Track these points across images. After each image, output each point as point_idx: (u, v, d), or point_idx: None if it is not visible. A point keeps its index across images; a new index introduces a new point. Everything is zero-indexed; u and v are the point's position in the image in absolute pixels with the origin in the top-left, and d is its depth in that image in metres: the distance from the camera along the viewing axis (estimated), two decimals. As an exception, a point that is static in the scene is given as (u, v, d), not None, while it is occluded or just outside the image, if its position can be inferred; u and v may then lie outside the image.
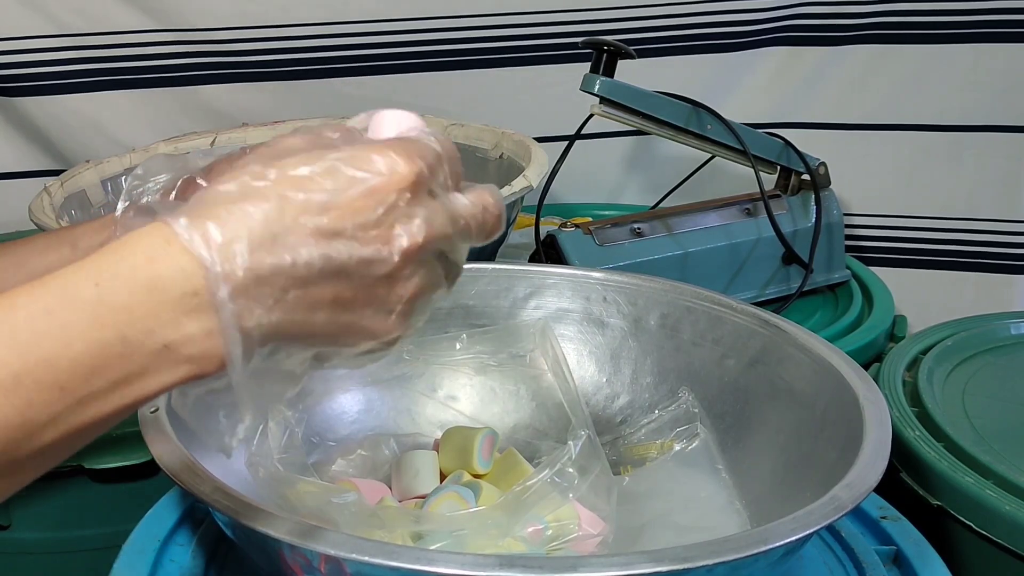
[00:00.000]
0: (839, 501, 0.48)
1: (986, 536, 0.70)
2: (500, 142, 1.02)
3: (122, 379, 0.36)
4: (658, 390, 0.73)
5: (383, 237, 0.39)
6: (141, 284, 0.36)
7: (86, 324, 0.35)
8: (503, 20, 1.20)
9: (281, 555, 0.47)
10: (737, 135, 0.96)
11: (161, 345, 0.36)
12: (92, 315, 0.35)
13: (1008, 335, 0.95)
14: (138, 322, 0.35)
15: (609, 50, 0.90)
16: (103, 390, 0.36)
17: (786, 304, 0.97)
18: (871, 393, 0.58)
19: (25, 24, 1.16)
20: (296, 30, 1.18)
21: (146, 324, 0.35)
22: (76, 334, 0.35)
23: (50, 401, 0.35)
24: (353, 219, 0.38)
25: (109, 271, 0.36)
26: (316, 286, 0.38)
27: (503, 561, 0.43)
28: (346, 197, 0.38)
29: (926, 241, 1.27)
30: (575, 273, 0.78)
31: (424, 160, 0.40)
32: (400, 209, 0.39)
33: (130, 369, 0.36)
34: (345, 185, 0.38)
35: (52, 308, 0.35)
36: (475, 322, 0.77)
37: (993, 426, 0.79)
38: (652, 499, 0.66)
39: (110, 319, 0.35)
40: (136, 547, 0.62)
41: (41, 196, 0.89)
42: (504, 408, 0.76)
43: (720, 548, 0.44)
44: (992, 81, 1.18)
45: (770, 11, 1.21)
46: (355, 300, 0.39)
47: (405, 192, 0.39)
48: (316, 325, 0.39)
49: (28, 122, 1.21)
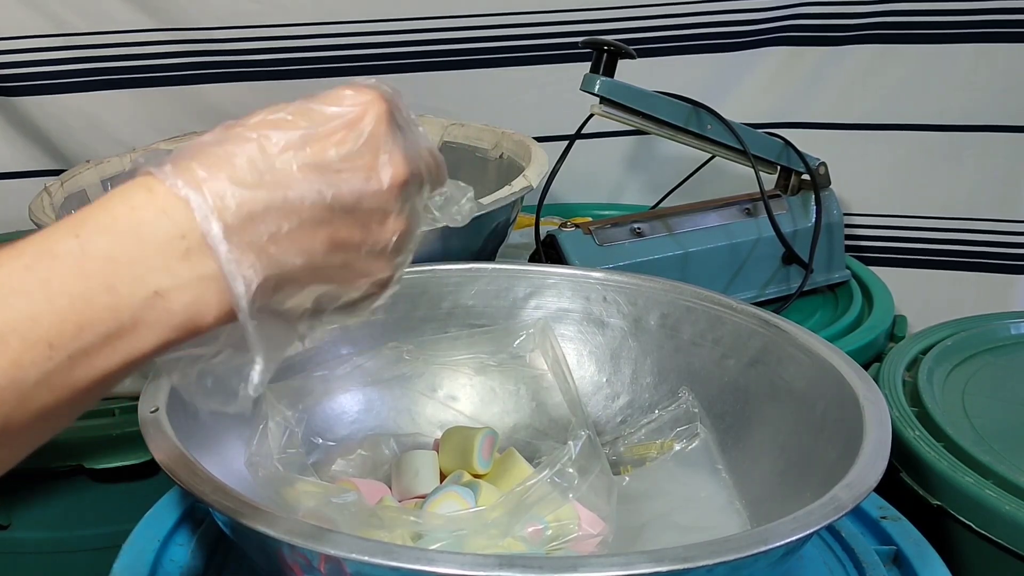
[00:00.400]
0: (839, 501, 0.48)
1: (986, 536, 0.70)
2: (500, 142, 1.02)
3: (113, 332, 0.34)
4: (658, 390, 0.73)
5: (369, 166, 0.38)
6: (124, 231, 0.35)
7: (69, 276, 0.34)
8: (503, 20, 1.20)
9: (281, 555, 0.47)
10: (737, 135, 0.96)
11: (151, 292, 0.35)
12: (74, 267, 0.34)
13: (1008, 335, 0.95)
14: (124, 270, 0.34)
15: (609, 50, 0.90)
16: (94, 345, 0.34)
17: (786, 304, 0.97)
18: (871, 393, 0.58)
19: (25, 24, 1.15)
20: (295, 30, 1.18)
21: (133, 271, 0.34)
22: (59, 287, 0.33)
23: (39, 359, 0.33)
24: (337, 150, 0.38)
25: (90, 223, 0.35)
26: (310, 223, 0.37)
27: (503, 561, 0.43)
28: (326, 130, 0.38)
29: (926, 241, 1.27)
30: (575, 273, 0.78)
31: (389, 93, 0.40)
32: (380, 138, 0.39)
33: (120, 321, 0.34)
34: (322, 120, 0.38)
35: (31, 264, 0.34)
36: (475, 322, 0.77)
37: (993, 426, 0.79)
38: (652, 499, 0.66)
39: (93, 269, 0.34)
40: (136, 547, 0.62)
41: (41, 196, 0.89)
42: (504, 408, 0.76)
43: (720, 548, 0.44)
44: (992, 81, 1.18)
45: (770, 11, 1.21)
46: (351, 237, 0.39)
47: (381, 122, 0.39)
48: (313, 266, 0.38)
49: (28, 122, 1.21)
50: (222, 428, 0.61)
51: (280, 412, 0.64)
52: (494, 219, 0.84)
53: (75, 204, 0.94)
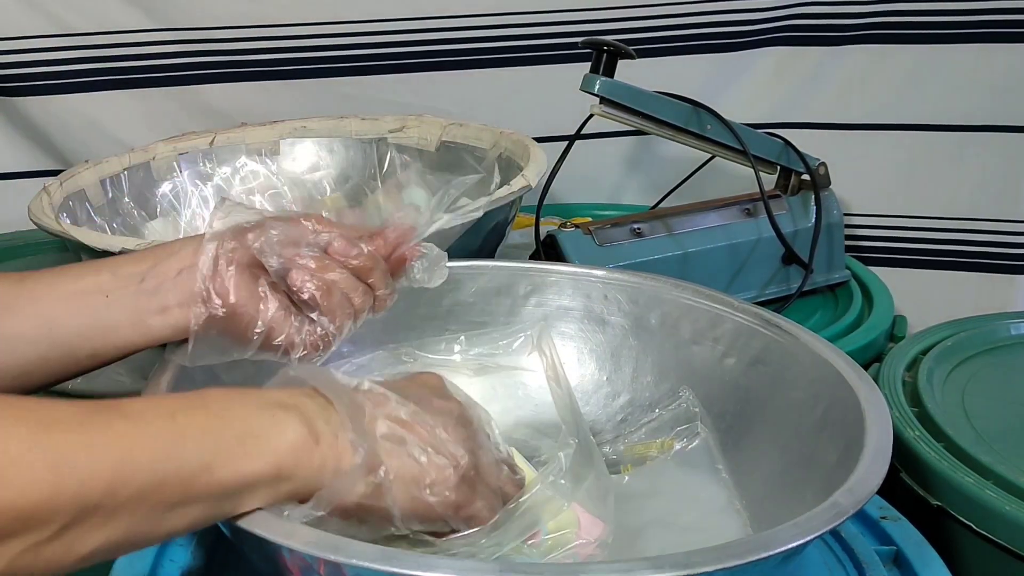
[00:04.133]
0: (840, 506, 0.48)
1: (986, 536, 0.70)
2: (499, 142, 1.02)
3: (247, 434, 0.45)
4: (658, 389, 0.73)
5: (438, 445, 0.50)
6: None
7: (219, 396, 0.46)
8: (503, 20, 1.20)
9: (280, 558, 0.47)
10: (737, 135, 0.96)
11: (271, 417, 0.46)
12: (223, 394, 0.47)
13: (1008, 335, 0.95)
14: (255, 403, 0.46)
15: (609, 50, 0.90)
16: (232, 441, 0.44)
17: (786, 304, 0.97)
18: (871, 393, 0.58)
19: (25, 24, 1.15)
20: (296, 30, 1.18)
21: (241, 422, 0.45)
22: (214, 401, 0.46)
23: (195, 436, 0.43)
24: None
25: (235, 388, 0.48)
26: None
27: (503, 567, 0.43)
28: None
29: (926, 241, 1.27)
30: (576, 271, 0.78)
31: None
32: None
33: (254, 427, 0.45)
34: None
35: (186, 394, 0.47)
36: (475, 319, 0.76)
37: (993, 426, 0.79)
38: (652, 499, 0.66)
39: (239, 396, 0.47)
40: (136, 547, 0.62)
41: (40, 196, 0.89)
42: (504, 408, 0.75)
43: (721, 554, 0.44)
44: (992, 81, 1.18)
45: (770, 11, 1.21)
46: None
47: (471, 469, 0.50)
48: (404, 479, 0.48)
49: (28, 122, 1.21)
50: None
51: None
52: (493, 219, 0.84)
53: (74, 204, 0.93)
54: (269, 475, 0.44)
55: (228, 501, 0.44)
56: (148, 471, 0.41)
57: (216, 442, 0.43)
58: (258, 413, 0.45)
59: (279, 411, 0.46)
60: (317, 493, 0.46)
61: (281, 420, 0.45)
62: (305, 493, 0.46)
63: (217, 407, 0.45)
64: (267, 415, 0.45)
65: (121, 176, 1.00)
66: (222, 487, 0.43)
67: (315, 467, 0.45)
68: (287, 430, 0.45)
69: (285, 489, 0.45)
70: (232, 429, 0.44)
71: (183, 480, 0.42)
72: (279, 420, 0.45)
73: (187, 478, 0.42)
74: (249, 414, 0.45)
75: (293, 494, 0.46)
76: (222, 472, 0.43)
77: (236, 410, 0.45)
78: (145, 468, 0.40)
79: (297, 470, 0.45)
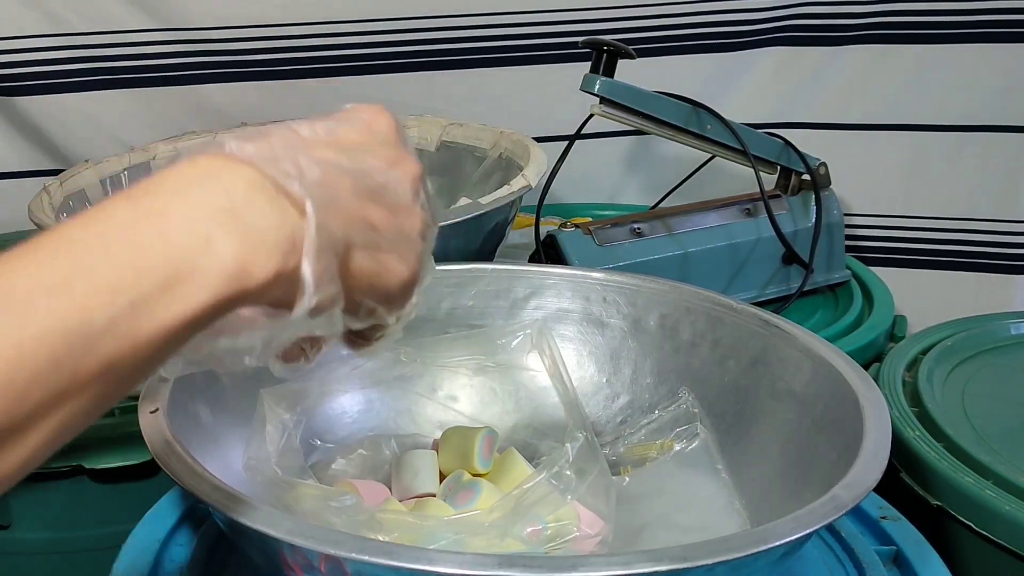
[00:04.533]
0: (839, 500, 0.48)
1: (986, 536, 0.70)
2: (499, 141, 1.02)
3: (171, 279, 0.35)
4: (658, 390, 0.73)
5: (388, 158, 0.42)
6: (172, 191, 0.37)
7: (123, 229, 0.35)
8: (503, 20, 1.20)
9: (281, 555, 0.47)
10: (737, 135, 0.96)
11: (202, 239, 0.36)
12: (128, 221, 0.36)
13: (1008, 335, 0.95)
14: (174, 221, 0.36)
15: (609, 50, 0.90)
16: (152, 294, 0.35)
17: (786, 304, 0.97)
18: (871, 393, 0.58)
19: (25, 23, 1.15)
20: (295, 30, 1.18)
21: (182, 222, 0.36)
22: (115, 237, 0.35)
23: (103, 304, 0.34)
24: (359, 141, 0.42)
25: (140, 187, 0.37)
26: (346, 196, 0.40)
27: (503, 561, 0.43)
28: (347, 127, 0.43)
29: (926, 241, 1.27)
30: (575, 273, 0.78)
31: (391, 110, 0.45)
32: (394, 137, 0.44)
33: (175, 267, 0.35)
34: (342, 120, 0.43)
35: (87, 222, 0.36)
36: (475, 322, 0.76)
37: (993, 426, 0.79)
38: (652, 499, 0.66)
39: (146, 222, 0.36)
40: (136, 547, 0.62)
41: (40, 196, 0.89)
42: (504, 408, 0.76)
43: (720, 547, 0.44)
44: (992, 81, 1.18)
45: (770, 11, 1.21)
46: (379, 219, 0.41)
47: (392, 126, 0.44)
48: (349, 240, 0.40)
49: (28, 122, 1.21)
50: (222, 428, 0.61)
51: (278, 415, 0.64)
52: (492, 219, 0.84)
53: (74, 204, 0.94)
54: (209, 310, 0.37)
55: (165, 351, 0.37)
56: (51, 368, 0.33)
57: (131, 300, 0.35)
58: (181, 237, 0.36)
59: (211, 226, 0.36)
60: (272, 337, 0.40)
61: (215, 237, 0.36)
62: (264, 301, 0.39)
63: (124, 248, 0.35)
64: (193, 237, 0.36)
65: (121, 176, 1.00)
66: (151, 346, 0.36)
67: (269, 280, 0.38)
68: (226, 248, 0.36)
69: (235, 309, 0.38)
70: (150, 276, 0.35)
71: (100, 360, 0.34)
72: (213, 238, 0.36)
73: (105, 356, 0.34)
74: (169, 245, 0.36)
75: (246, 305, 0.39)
76: (147, 331, 0.35)
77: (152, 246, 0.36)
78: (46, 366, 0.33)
79: (246, 291, 0.37)
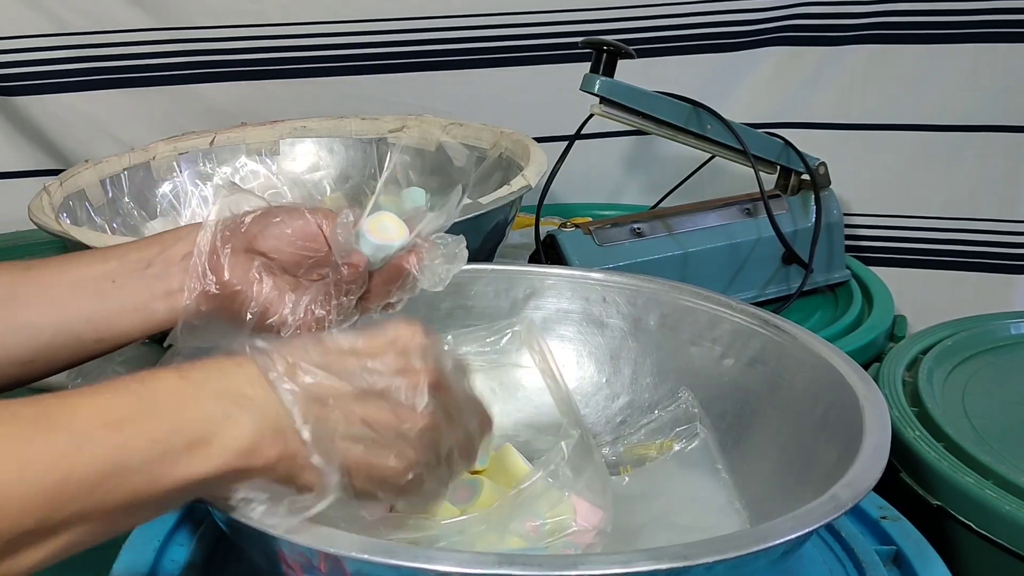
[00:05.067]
0: (838, 500, 0.48)
1: (986, 536, 0.70)
2: (499, 141, 1.02)
3: (195, 441, 0.42)
4: (658, 390, 0.73)
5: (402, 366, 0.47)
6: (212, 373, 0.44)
7: (168, 391, 0.43)
8: (503, 20, 1.20)
9: (281, 554, 0.47)
10: (737, 135, 0.96)
11: (225, 414, 0.43)
12: (173, 386, 0.43)
13: (1008, 335, 0.95)
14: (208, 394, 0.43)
15: (609, 50, 0.90)
16: (179, 448, 0.41)
17: (786, 304, 0.97)
18: (871, 393, 0.58)
19: (24, 23, 1.16)
20: (295, 29, 1.18)
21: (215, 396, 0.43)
22: (161, 397, 0.43)
23: (141, 447, 0.41)
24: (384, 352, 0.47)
25: (188, 365, 0.44)
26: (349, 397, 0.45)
27: (502, 559, 0.43)
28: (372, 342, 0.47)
29: (926, 241, 1.27)
30: (574, 274, 0.78)
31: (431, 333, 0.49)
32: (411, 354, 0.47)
33: (203, 432, 0.42)
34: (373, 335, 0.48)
35: (142, 379, 0.43)
36: (475, 322, 0.76)
37: (993, 426, 0.79)
38: (652, 499, 0.66)
39: (186, 389, 0.43)
40: (136, 547, 0.62)
41: (40, 196, 0.89)
42: (504, 410, 0.75)
43: (720, 546, 0.44)
44: (992, 81, 1.18)
45: (770, 11, 1.21)
46: (383, 423, 0.45)
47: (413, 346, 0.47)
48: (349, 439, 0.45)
49: (28, 122, 1.21)
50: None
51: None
52: (492, 219, 0.84)
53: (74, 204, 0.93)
54: (220, 475, 0.43)
55: (177, 500, 0.44)
56: (88, 490, 0.39)
57: (163, 450, 0.41)
58: (211, 409, 0.43)
59: (233, 406, 0.43)
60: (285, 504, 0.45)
61: (235, 416, 0.43)
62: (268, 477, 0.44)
63: (167, 407, 0.42)
64: (220, 411, 0.43)
65: (121, 176, 1.00)
66: (168, 493, 0.42)
67: (272, 462, 0.44)
68: (241, 428, 0.43)
69: (242, 481, 0.44)
70: (181, 435, 0.42)
71: (127, 493, 0.40)
72: (233, 417, 0.43)
73: (131, 491, 0.41)
74: (200, 413, 0.43)
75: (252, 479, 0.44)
76: (169, 479, 0.41)
77: (188, 410, 0.43)
78: (86, 487, 0.39)
79: (252, 468, 0.43)
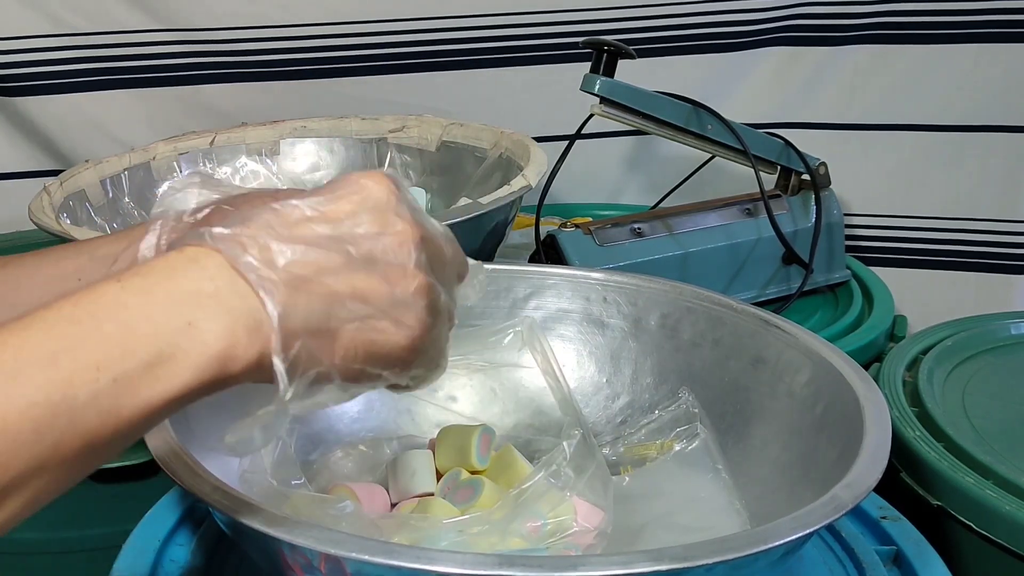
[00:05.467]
0: (839, 500, 0.48)
1: (986, 536, 0.70)
2: (499, 141, 1.02)
3: (154, 359, 0.36)
4: (658, 390, 0.73)
5: (381, 223, 0.42)
6: (159, 275, 0.38)
7: (111, 308, 0.37)
8: (503, 20, 1.20)
9: (281, 555, 0.47)
10: (737, 135, 0.96)
11: (185, 322, 0.37)
12: (116, 301, 0.37)
13: (1008, 335, 0.95)
14: (160, 303, 0.37)
15: (609, 50, 0.90)
16: (137, 372, 0.36)
17: (786, 304, 0.97)
18: (871, 393, 0.58)
19: (25, 24, 1.16)
20: (296, 30, 1.18)
21: (168, 305, 0.37)
22: (103, 316, 0.36)
23: (88, 380, 0.35)
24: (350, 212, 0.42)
25: (130, 271, 0.38)
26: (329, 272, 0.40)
27: (503, 560, 0.43)
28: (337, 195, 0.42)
29: (926, 241, 1.27)
30: (575, 273, 0.78)
31: (393, 174, 0.45)
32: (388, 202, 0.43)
33: (159, 348, 0.37)
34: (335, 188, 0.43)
35: (79, 300, 0.37)
36: (475, 322, 0.76)
37: (993, 426, 0.79)
38: (652, 499, 0.66)
39: (133, 302, 0.37)
40: (136, 547, 0.62)
41: (41, 196, 0.89)
42: (504, 408, 0.76)
43: (720, 547, 0.44)
44: (992, 81, 1.18)
45: (770, 11, 1.21)
46: (371, 288, 0.41)
47: (389, 191, 0.43)
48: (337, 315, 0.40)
49: (28, 122, 1.21)
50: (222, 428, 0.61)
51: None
52: (492, 219, 0.84)
53: (74, 204, 0.94)
54: (192, 391, 0.38)
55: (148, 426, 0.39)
56: (33, 439, 0.34)
57: (114, 378, 0.36)
58: (165, 319, 0.37)
59: (194, 309, 0.38)
60: None
61: (197, 321, 0.37)
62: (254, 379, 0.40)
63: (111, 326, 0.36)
64: (178, 319, 0.37)
65: (121, 176, 1.00)
66: (133, 422, 0.37)
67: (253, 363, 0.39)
68: (207, 334, 0.38)
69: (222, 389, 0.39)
70: (135, 356, 0.36)
71: (82, 433, 0.35)
72: (195, 322, 0.37)
73: (86, 430, 0.35)
74: (153, 326, 0.37)
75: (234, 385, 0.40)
76: (130, 409, 0.36)
77: (137, 324, 0.37)
78: (28, 437, 0.34)
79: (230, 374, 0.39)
